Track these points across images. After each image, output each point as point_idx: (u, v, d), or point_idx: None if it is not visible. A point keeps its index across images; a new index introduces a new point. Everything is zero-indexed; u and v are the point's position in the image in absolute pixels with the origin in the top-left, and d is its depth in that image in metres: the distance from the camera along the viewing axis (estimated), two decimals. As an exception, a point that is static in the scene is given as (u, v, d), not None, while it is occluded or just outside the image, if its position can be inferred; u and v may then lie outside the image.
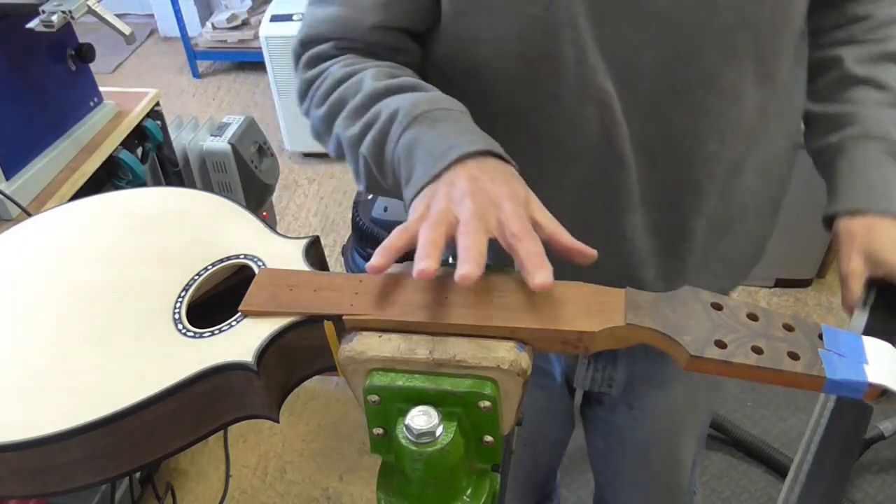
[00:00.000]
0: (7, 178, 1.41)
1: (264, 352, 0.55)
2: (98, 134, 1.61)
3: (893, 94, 0.74)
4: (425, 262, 0.52)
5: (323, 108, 0.71)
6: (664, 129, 0.74)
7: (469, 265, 0.51)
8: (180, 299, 0.61)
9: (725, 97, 0.72)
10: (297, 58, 0.77)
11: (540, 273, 0.51)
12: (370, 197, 1.97)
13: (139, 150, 1.71)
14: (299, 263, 0.63)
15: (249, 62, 3.57)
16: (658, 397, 1.02)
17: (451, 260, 0.64)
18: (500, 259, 0.93)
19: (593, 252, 0.56)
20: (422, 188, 0.59)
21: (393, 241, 0.55)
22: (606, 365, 0.98)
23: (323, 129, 0.73)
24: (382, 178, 0.68)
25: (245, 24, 3.51)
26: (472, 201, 0.55)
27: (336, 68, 0.72)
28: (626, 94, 0.71)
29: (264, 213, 2.22)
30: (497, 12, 0.70)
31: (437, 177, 0.59)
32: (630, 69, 0.70)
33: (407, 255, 0.63)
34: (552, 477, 1.41)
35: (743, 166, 0.79)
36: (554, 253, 0.55)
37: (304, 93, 0.75)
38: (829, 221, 0.75)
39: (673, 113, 0.73)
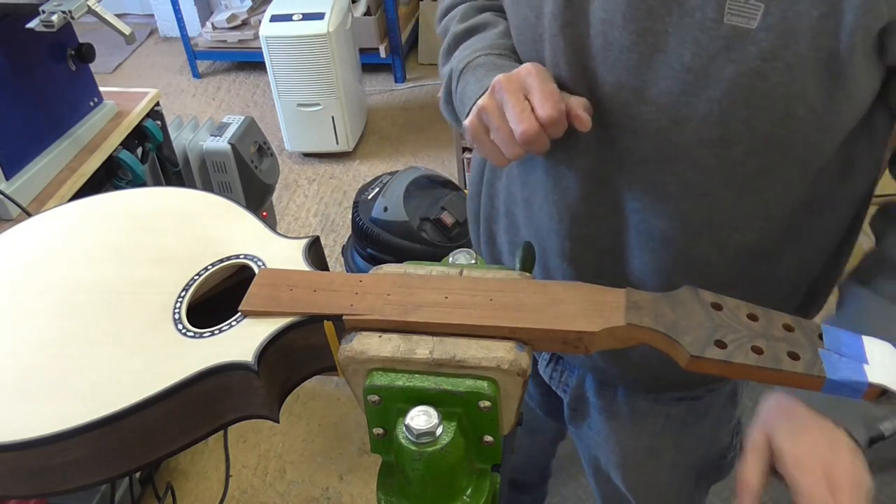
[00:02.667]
0: (7, 178, 1.41)
1: (264, 352, 0.55)
2: (98, 134, 1.61)
3: None
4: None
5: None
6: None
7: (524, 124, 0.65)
8: (180, 299, 0.61)
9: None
10: None
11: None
12: (370, 197, 1.97)
13: (139, 150, 1.71)
14: (299, 263, 0.63)
15: (249, 62, 3.57)
16: (612, 425, 0.96)
17: (450, 260, 0.64)
18: (500, 259, 0.93)
19: (589, 120, 0.67)
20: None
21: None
22: (564, 370, 0.97)
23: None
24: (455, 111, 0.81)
25: (245, 24, 3.51)
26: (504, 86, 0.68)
27: None
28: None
29: (264, 213, 2.22)
30: (511, 2, 0.76)
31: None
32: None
33: (407, 256, 0.63)
34: (544, 472, 1.39)
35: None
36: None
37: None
38: None
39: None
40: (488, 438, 0.55)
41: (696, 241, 0.74)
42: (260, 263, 0.63)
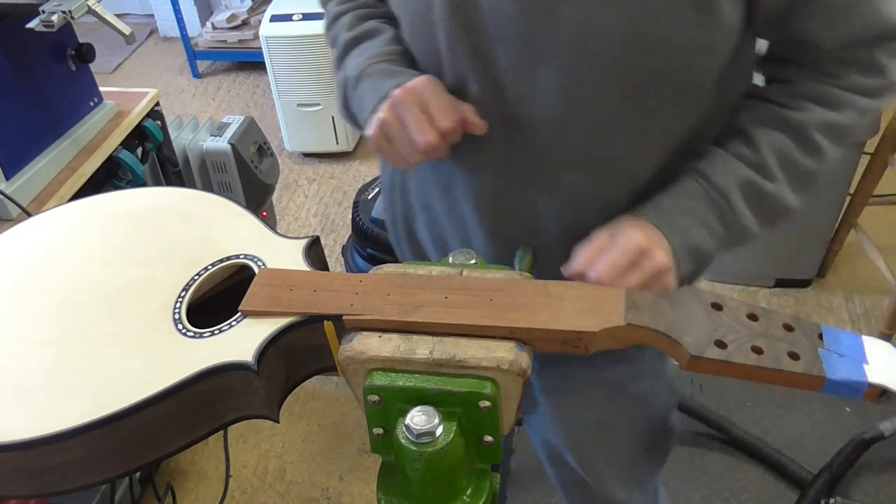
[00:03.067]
0: (7, 178, 1.41)
1: (264, 352, 0.55)
2: (98, 134, 1.61)
3: (759, 155, 0.73)
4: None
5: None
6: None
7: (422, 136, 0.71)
8: (180, 299, 0.61)
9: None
10: None
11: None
12: (370, 197, 1.97)
13: (139, 150, 1.71)
14: (299, 263, 0.63)
15: (249, 62, 3.57)
16: (555, 403, 0.99)
17: (450, 260, 0.64)
18: (425, 255, 0.94)
19: (483, 125, 0.73)
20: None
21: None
22: None
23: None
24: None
25: (245, 24, 3.51)
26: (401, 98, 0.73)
27: (331, 5, 0.89)
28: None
29: (264, 213, 2.22)
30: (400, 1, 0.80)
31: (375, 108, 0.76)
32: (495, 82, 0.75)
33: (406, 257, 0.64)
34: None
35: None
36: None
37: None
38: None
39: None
40: (488, 438, 0.55)
41: (607, 187, 0.78)
42: (260, 263, 0.63)
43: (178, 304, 0.60)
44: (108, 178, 1.62)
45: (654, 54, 0.69)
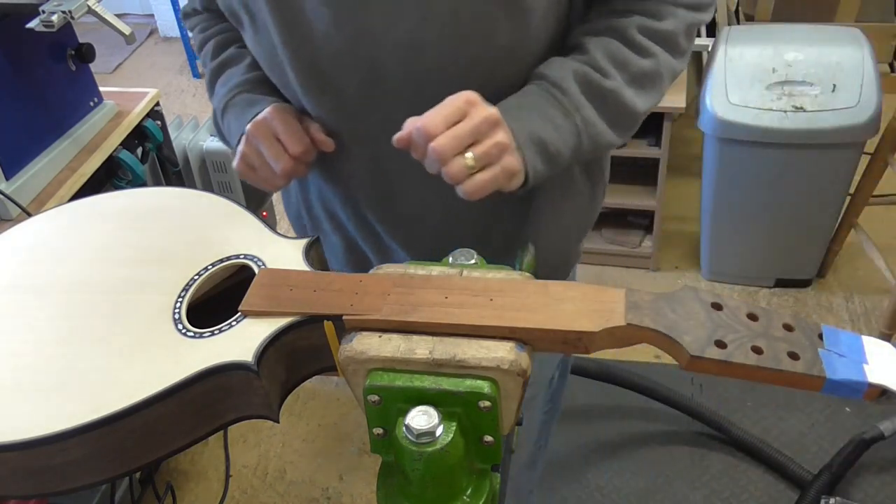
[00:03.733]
0: (7, 178, 1.41)
1: (264, 352, 0.55)
2: (98, 134, 1.61)
3: (590, 55, 0.77)
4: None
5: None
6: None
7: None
8: (180, 299, 0.61)
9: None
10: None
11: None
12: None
13: (139, 150, 1.71)
14: (299, 263, 0.63)
15: (249, 62, 3.57)
16: None
17: (450, 260, 0.64)
18: (500, 259, 0.94)
19: (331, 142, 0.81)
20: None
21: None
22: None
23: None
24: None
25: (245, 24, 3.51)
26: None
27: (195, 34, 0.97)
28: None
29: (264, 213, 2.22)
30: (252, 43, 0.83)
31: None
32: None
33: (406, 257, 0.64)
34: None
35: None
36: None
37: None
38: None
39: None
40: (488, 438, 0.55)
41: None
42: (260, 263, 0.63)
43: (178, 305, 0.60)
44: (108, 178, 1.62)
45: (477, 57, 0.74)
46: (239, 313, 0.58)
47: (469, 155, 0.67)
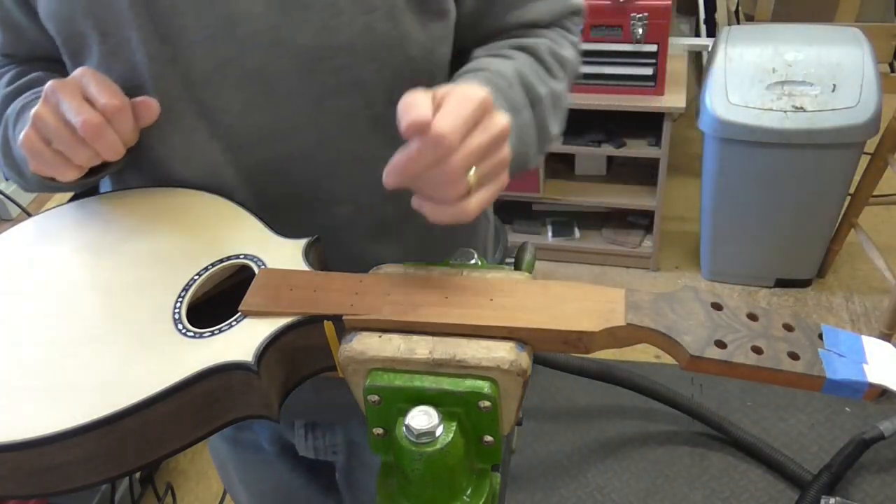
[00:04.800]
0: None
1: (264, 352, 0.55)
2: (98, 134, 1.60)
3: (509, 58, 0.73)
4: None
5: None
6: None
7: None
8: (180, 299, 0.61)
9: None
10: None
11: None
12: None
13: (139, 150, 1.70)
14: (299, 263, 0.63)
15: (249, 62, 3.57)
16: (374, 458, 0.93)
17: (451, 260, 0.64)
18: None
19: (156, 104, 0.67)
20: None
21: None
22: (325, 432, 0.96)
23: None
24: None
25: (245, 24, 3.51)
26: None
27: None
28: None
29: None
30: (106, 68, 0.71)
31: None
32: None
33: (405, 258, 0.63)
34: None
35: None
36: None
37: None
38: None
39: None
40: (488, 438, 0.55)
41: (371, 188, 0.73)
42: (260, 263, 0.63)
43: (177, 304, 0.60)
44: (108, 178, 1.62)
45: (387, 48, 0.69)
46: (239, 313, 0.58)
47: (472, 173, 0.54)
